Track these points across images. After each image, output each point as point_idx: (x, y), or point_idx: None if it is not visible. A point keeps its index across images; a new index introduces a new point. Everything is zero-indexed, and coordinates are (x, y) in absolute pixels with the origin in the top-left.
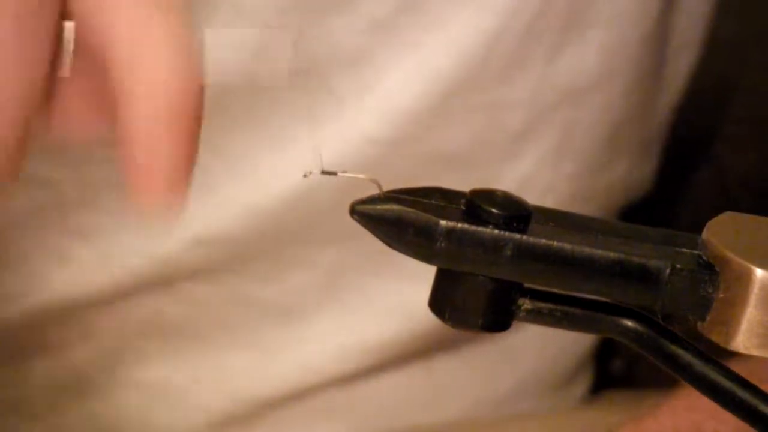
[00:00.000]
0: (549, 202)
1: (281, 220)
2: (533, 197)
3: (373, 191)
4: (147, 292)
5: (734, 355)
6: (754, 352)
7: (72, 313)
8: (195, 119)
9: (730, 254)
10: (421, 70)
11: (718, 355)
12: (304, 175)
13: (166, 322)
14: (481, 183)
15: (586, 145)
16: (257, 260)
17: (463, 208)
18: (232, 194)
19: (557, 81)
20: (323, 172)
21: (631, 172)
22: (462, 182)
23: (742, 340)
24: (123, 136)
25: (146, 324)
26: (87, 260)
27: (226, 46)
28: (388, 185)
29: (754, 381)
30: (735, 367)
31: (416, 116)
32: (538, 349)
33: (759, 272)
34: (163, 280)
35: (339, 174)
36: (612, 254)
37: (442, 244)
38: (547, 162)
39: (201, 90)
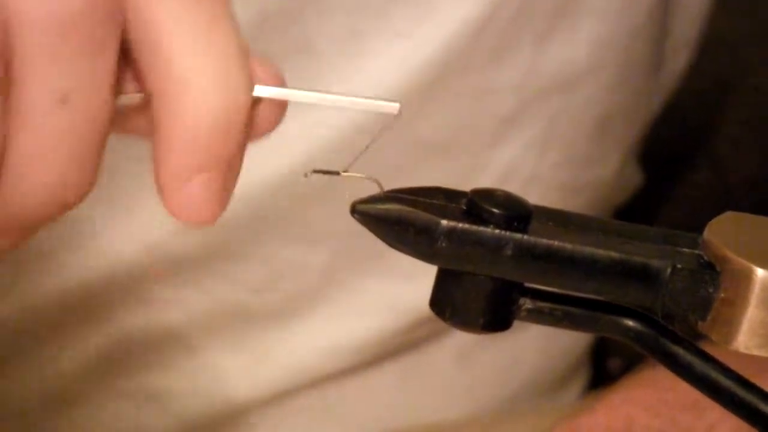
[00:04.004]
0: (534, 190)
1: (267, 206)
2: (518, 184)
3: (362, 184)
4: (137, 297)
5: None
6: (755, 352)
7: (62, 318)
8: (236, 151)
9: (730, 254)
10: (409, 57)
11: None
12: (305, 175)
13: (157, 328)
14: (468, 169)
15: (572, 136)
16: (250, 263)
17: (464, 207)
18: None
19: (546, 69)
20: (324, 172)
21: (620, 169)
22: (449, 168)
23: (743, 340)
24: (162, 147)
25: (137, 330)
26: (79, 261)
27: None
28: (376, 172)
29: (751, 371)
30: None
31: (403, 102)
32: (536, 349)
33: (760, 272)
34: (153, 281)
35: (341, 174)
36: (612, 254)
37: (443, 244)
38: (532, 149)
39: (246, 118)
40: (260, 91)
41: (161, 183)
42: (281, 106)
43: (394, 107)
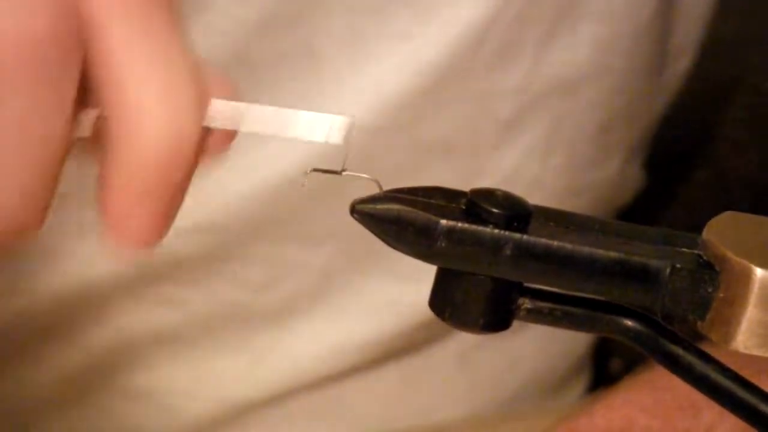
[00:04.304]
0: (537, 194)
1: (267, 207)
2: (521, 188)
3: (362, 185)
4: (136, 297)
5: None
6: (755, 352)
7: (61, 318)
8: (184, 178)
9: (730, 254)
10: (411, 59)
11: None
12: (305, 174)
13: (155, 328)
14: (470, 172)
15: (575, 139)
16: (249, 263)
17: (464, 207)
18: (217, 182)
19: (548, 72)
20: (323, 171)
21: (622, 171)
22: (451, 171)
23: (742, 340)
24: (110, 171)
25: (135, 330)
26: (77, 261)
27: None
28: (377, 174)
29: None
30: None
31: (406, 105)
32: (537, 349)
33: (759, 272)
34: (152, 280)
35: (342, 174)
36: (612, 254)
37: (443, 244)
38: (535, 153)
39: (196, 146)
40: (214, 112)
41: (106, 207)
42: (233, 131)
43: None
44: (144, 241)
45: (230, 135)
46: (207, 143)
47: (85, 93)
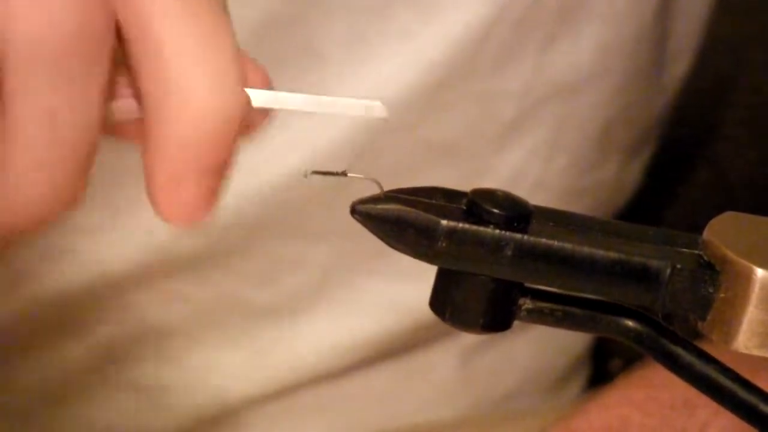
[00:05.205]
0: (540, 195)
1: (270, 204)
2: (524, 189)
3: (364, 184)
4: (138, 291)
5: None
6: (755, 352)
7: (63, 312)
8: (230, 154)
9: (730, 254)
10: (413, 60)
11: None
12: (304, 175)
13: (156, 323)
14: (473, 174)
15: (577, 141)
16: (251, 260)
17: (464, 207)
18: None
19: (550, 74)
20: (323, 173)
21: (622, 171)
22: (453, 172)
23: (743, 340)
24: (154, 152)
25: (137, 324)
26: (81, 255)
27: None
28: (379, 174)
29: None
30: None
31: (408, 105)
32: (535, 348)
33: (759, 272)
34: (155, 276)
35: (341, 174)
36: (612, 254)
37: (443, 244)
38: (538, 155)
39: (242, 115)
40: (251, 95)
41: (153, 187)
42: (268, 110)
43: (381, 108)
44: (194, 215)
45: (266, 114)
46: (246, 122)
47: (116, 82)
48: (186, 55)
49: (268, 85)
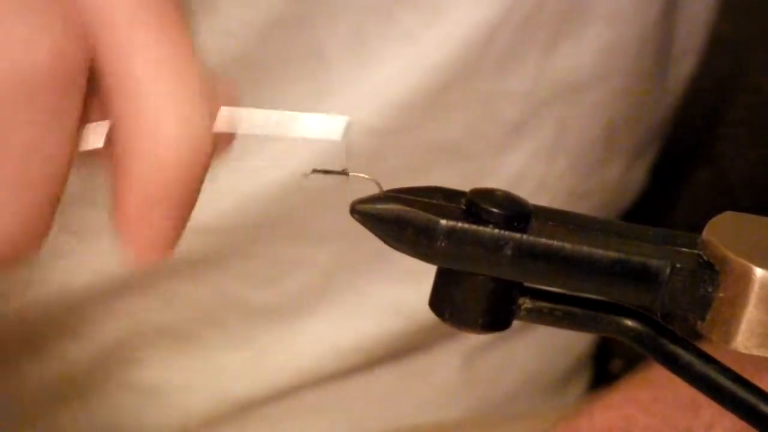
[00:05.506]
0: (543, 196)
1: (272, 206)
2: (527, 191)
3: (365, 185)
4: (140, 292)
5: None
6: (754, 352)
7: (65, 313)
8: (197, 184)
9: (730, 254)
10: (417, 61)
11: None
12: (305, 175)
13: (158, 323)
14: (476, 175)
15: (580, 143)
16: (253, 261)
17: (464, 207)
18: (224, 182)
19: (554, 75)
20: (324, 172)
21: (625, 173)
22: (457, 173)
23: (742, 340)
24: (123, 180)
25: (139, 325)
26: (82, 255)
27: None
28: (382, 175)
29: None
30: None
31: (412, 107)
32: (537, 349)
33: (759, 272)
34: (156, 276)
35: (341, 174)
36: (612, 254)
37: (443, 244)
38: (541, 156)
39: (208, 151)
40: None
41: (120, 216)
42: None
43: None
44: (159, 247)
45: (230, 138)
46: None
47: (86, 105)
48: (160, 95)
49: (235, 103)
